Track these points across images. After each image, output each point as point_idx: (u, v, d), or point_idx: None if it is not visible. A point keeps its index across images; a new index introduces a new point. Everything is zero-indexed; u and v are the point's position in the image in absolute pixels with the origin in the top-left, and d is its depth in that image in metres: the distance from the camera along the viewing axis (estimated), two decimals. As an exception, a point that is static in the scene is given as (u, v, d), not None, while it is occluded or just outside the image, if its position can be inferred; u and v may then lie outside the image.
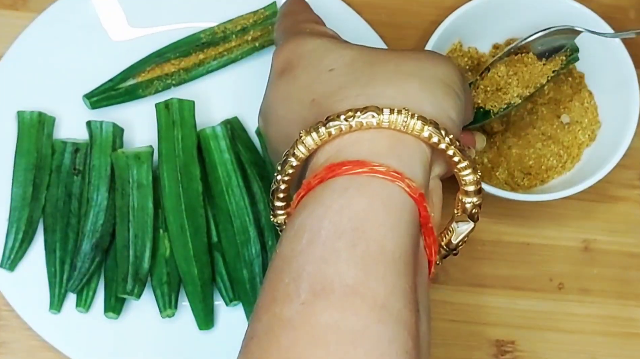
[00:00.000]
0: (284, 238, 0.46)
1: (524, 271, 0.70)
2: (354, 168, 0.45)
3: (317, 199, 0.45)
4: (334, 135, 0.47)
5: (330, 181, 0.46)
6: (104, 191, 0.65)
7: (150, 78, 0.69)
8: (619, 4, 0.75)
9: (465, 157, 0.48)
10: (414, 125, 0.46)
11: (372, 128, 0.47)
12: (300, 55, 0.52)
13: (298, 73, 0.52)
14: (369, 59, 0.51)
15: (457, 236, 0.51)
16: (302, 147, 0.47)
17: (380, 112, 0.46)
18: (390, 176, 0.45)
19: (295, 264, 0.44)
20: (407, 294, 0.44)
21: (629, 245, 0.71)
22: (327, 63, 0.51)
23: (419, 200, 0.46)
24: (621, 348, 0.69)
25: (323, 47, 0.52)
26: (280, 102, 0.53)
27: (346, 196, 0.45)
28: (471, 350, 0.68)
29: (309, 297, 0.42)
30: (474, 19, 0.69)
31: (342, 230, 0.44)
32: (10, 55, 0.69)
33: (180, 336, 0.65)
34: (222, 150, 0.67)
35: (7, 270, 0.65)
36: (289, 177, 0.49)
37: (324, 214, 0.44)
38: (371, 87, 0.49)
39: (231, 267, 0.66)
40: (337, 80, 0.50)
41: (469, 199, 0.49)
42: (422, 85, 0.49)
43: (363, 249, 0.43)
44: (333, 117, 0.47)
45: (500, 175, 0.68)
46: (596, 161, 0.68)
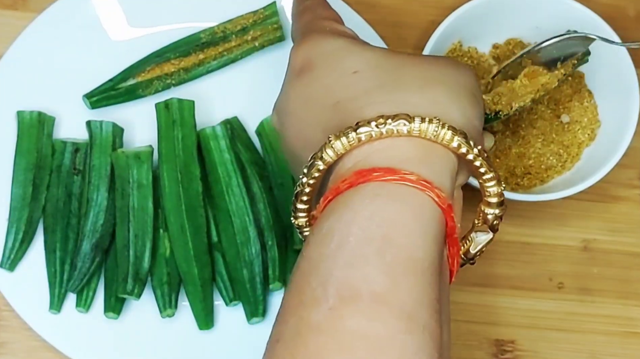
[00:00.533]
0: (312, 241, 0.45)
1: (524, 270, 0.70)
2: (384, 175, 0.45)
3: (346, 204, 0.45)
4: (363, 141, 0.47)
5: (360, 187, 0.45)
6: (104, 191, 0.65)
7: (150, 78, 0.69)
8: (619, 3, 0.75)
9: (491, 169, 0.48)
10: (444, 135, 0.46)
11: (402, 136, 0.46)
12: (321, 55, 0.52)
13: (319, 73, 0.51)
14: (393, 63, 0.50)
15: (476, 245, 0.50)
16: (330, 151, 0.47)
17: (412, 120, 0.46)
18: (421, 185, 0.45)
19: (323, 268, 0.43)
20: (434, 304, 0.43)
21: (629, 245, 0.71)
22: (350, 65, 0.50)
23: (447, 210, 0.46)
24: (621, 347, 0.69)
25: (345, 47, 0.52)
26: (299, 102, 0.52)
27: (376, 202, 0.45)
28: (471, 349, 0.68)
29: (336, 302, 0.42)
30: (474, 19, 0.69)
31: (371, 236, 0.44)
32: (10, 55, 0.69)
33: (180, 336, 0.65)
34: (222, 150, 0.67)
35: (7, 270, 0.65)
36: (314, 180, 0.48)
37: (353, 219, 0.44)
38: (398, 93, 0.48)
39: (231, 267, 0.66)
40: (362, 83, 0.49)
41: (491, 210, 0.50)
42: (449, 93, 0.49)
43: (392, 256, 0.43)
44: (363, 123, 0.46)
45: (500, 174, 0.68)
46: (596, 161, 0.68)
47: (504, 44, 0.72)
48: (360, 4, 0.72)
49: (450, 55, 0.70)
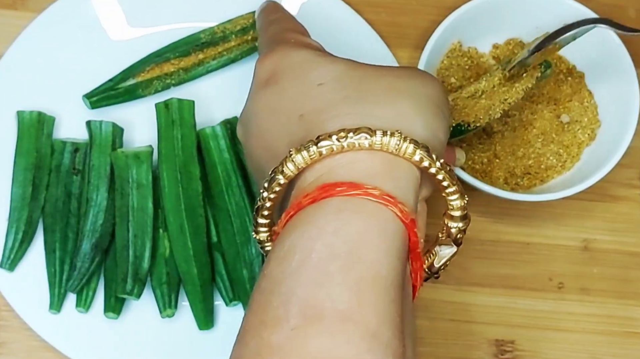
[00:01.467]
0: (272, 258, 0.45)
1: (523, 270, 0.70)
2: (348, 189, 0.45)
3: (309, 220, 0.45)
4: (324, 155, 0.46)
5: (324, 202, 0.45)
6: (104, 191, 0.65)
7: (150, 78, 0.69)
8: (619, 3, 0.75)
9: (454, 182, 0.47)
10: (406, 149, 0.46)
11: (364, 149, 0.46)
12: (286, 67, 0.52)
13: (284, 85, 0.51)
14: (358, 75, 0.50)
15: (440, 259, 0.50)
16: (291, 165, 0.46)
17: (373, 133, 0.45)
18: (384, 200, 0.45)
19: (284, 287, 0.42)
20: (396, 322, 0.43)
21: (629, 244, 0.71)
22: (316, 77, 0.50)
23: (410, 225, 0.45)
24: (621, 347, 0.69)
25: (310, 59, 0.51)
26: (264, 114, 0.52)
27: (340, 218, 0.44)
28: (471, 350, 0.68)
29: (299, 322, 0.41)
30: (474, 19, 0.69)
31: (336, 253, 0.43)
32: (10, 55, 0.69)
33: (180, 336, 0.65)
34: (222, 150, 0.67)
35: (7, 270, 0.65)
36: (275, 194, 0.48)
37: (318, 236, 0.44)
38: (362, 105, 0.48)
39: (231, 267, 0.66)
40: (327, 96, 0.49)
41: (455, 224, 0.49)
42: (414, 105, 0.48)
43: (357, 273, 0.42)
44: (324, 137, 0.46)
45: (500, 174, 0.68)
46: (596, 161, 0.68)
47: (504, 44, 0.72)
48: (360, 4, 0.72)
49: (450, 55, 0.70)
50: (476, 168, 0.68)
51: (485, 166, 0.69)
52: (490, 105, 0.65)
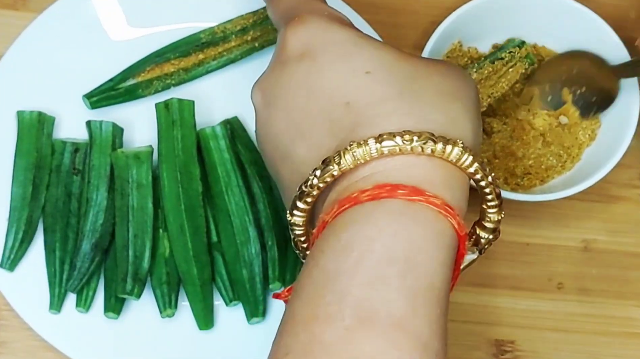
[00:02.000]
0: (327, 250, 0.44)
1: (523, 271, 0.70)
2: (410, 194, 0.43)
3: (368, 217, 0.43)
4: (386, 154, 0.45)
5: (384, 202, 0.44)
6: (104, 191, 0.65)
7: (150, 78, 0.69)
8: (619, 3, 0.75)
9: (498, 197, 0.47)
10: (465, 160, 0.45)
11: (424, 155, 0.45)
12: (326, 44, 0.49)
13: (324, 65, 0.48)
14: (407, 69, 0.48)
15: (463, 263, 0.48)
16: (350, 158, 0.45)
17: (438, 141, 0.44)
18: (445, 210, 0.44)
19: (339, 283, 0.42)
20: (444, 333, 0.42)
21: (629, 245, 0.71)
22: (361, 63, 0.48)
23: (463, 238, 0.45)
24: (621, 347, 0.69)
25: (353, 41, 0.49)
26: (298, 91, 0.49)
27: (401, 221, 0.43)
28: (471, 350, 0.68)
29: (353, 323, 0.40)
30: (474, 19, 0.69)
31: (395, 257, 0.42)
32: (10, 55, 0.69)
33: (180, 336, 0.65)
34: (222, 150, 0.67)
35: (7, 270, 0.65)
36: (325, 184, 0.46)
37: (377, 236, 0.43)
38: (418, 106, 0.46)
39: (231, 267, 0.66)
40: (378, 88, 0.47)
41: (485, 234, 0.48)
42: (464, 111, 0.47)
43: (413, 281, 0.42)
44: (388, 137, 0.44)
45: (500, 174, 0.68)
46: (596, 161, 0.68)
47: (504, 44, 0.72)
48: (360, 4, 0.72)
49: (450, 55, 0.70)
50: (476, 168, 0.68)
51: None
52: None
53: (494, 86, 0.66)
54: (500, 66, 0.67)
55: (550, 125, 0.70)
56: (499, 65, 0.67)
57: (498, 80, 0.66)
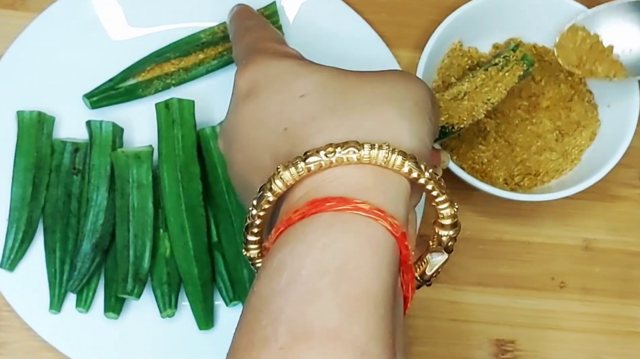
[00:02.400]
0: (262, 275, 0.44)
1: (524, 270, 0.70)
2: (338, 204, 0.44)
3: (298, 236, 0.44)
4: (313, 171, 0.45)
5: (313, 218, 0.44)
6: (104, 191, 0.65)
7: (150, 78, 0.69)
8: (619, 3, 0.75)
9: (443, 191, 0.47)
10: (394, 161, 0.45)
11: (352, 163, 0.45)
12: (267, 78, 0.51)
13: (266, 97, 0.50)
14: (341, 84, 0.49)
15: (432, 267, 0.49)
16: (279, 182, 0.46)
17: (361, 147, 0.45)
18: (374, 214, 0.44)
19: (273, 305, 0.42)
20: (387, 337, 0.42)
21: (630, 244, 0.71)
22: (298, 88, 0.49)
23: (401, 239, 0.45)
24: (622, 346, 0.69)
25: (291, 70, 0.51)
26: (246, 127, 0.51)
27: (330, 233, 0.43)
28: (472, 349, 0.68)
29: (288, 341, 0.40)
30: (474, 19, 0.69)
31: (325, 269, 0.42)
32: (10, 55, 0.69)
33: (180, 336, 0.65)
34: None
35: (7, 270, 0.65)
36: (264, 212, 0.47)
37: (307, 252, 0.43)
38: (348, 117, 0.47)
39: (231, 267, 0.66)
40: (311, 108, 0.48)
41: (445, 232, 0.49)
42: (399, 113, 0.48)
43: (347, 290, 0.42)
44: (312, 153, 0.45)
45: (500, 174, 0.68)
46: (596, 160, 0.68)
47: (504, 44, 0.72)
48: (360, 4, 0.72)
49: (450, 55, 0.70)
50: (476, 168, 0.68)
51: (485, 166, 0.69)
52: (473, 106, 0.65)
53: (491, 92, 0.66)
54: (495, 72, 0.67)
55: (550, 125, 0.70)
56: (493, 72, 0.67)
57: (495, 86, 0.66)
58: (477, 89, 0.66)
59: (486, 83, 0.66)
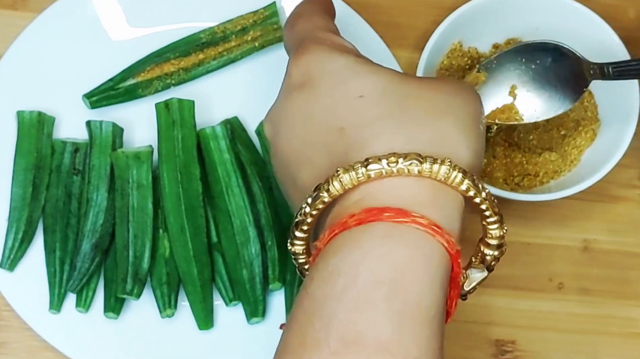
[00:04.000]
0: (316, 277, 0.44)
1: (524, 271, 0.70)
2: (396, 216, 0.44)
3: (354, 242, 0.44)
4: (373, 178, 0.45)
5: (370, 226, 0.44)
6: (104, 191, 0.65)
7: (150, 78, 0.69)
8: (619, 3, 0.75)
9: (496, 212, 0.47)
10: (454, 178, 0.45)
11: (412, 175, 0.45)
12: (324, 72, 0.50)
13: (322, 92, 0.49)
14: (401, 89, 0.49)
15: (470, 282, 0.49)
16: (338, 184, 0.45)
17: (424, 160, 0.45)
18: (432, 229, 0.44)
19: (327, 309, 0.42)
20: (436, 354, 0.42)
21: (629, 245, 0.71)
22: (356, 88, 0.49)
23: (455, 256, 0.45)
24: (621, 347, 0.69)
25: (349, 67, 0.50)
26: (299, 119, 0.50)
27: (386, 244, 0.43)
28: (471, 350, 0.68)
29: (339, 347, 0.41)
30: (474, 19, 0.69)
31: (380, 280, 0.42)
32: (10, 55, 0.69)
33: (180, 336, 0.65)
34: (222, 150, 0.67)
35: (7, 270, 0.65)
36: (317, 211, 0.47)
37: (362, 260, 0.43)
38: (408, 126, 0.47)
39: (231, 267, 0.66)
40: (369, 110, 0.48)
41: (491, 251, 0.48)
42: (458, 127, 0.47)
43: (400, 303, 0.42)
44: (374, 160, 0.45)
45: (499, 175, 0.68)
46: (596, 161, 0.68)
47: (504, 43, 0.72)
48: (360, 4, 0.72)
49: (450, 55, 0.70)
50: (476, 168, 0.68)
51: (485, 166, 0.69)
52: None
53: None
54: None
55: (550, 125, 0.70)
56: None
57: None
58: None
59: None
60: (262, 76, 0.71)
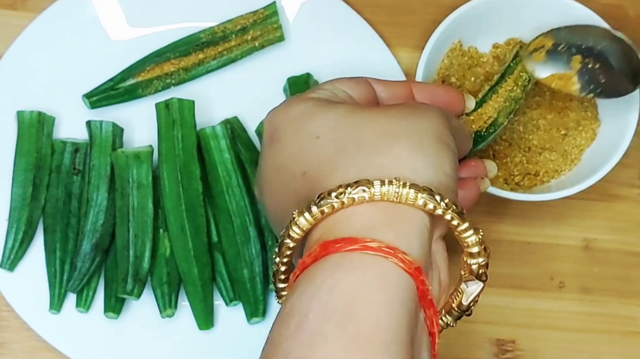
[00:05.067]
0: (275, 321, 0.44)
1: (524, 270, 0.70)
2: (346, 245, 0.44)
3: (308, 280, 0.44)
4: (327, 214, 0.45)
5: (323, 260, 0.44)
6: (104, 191, 0.65)
7: (150, 78, 0.69)
8: (619, 3, 0.75)
9: (464, 219, 0.46)
10: (407, 195, 0.45)
11: (365, 202, 0.45)
12: (285, 122, 0.51)
13: (285, 141, 0.51)
14: (353, 122, 0.49)
15: (468, 296, 0.49)
16: (296, 228, 0.46)
17: (371, 185, 0.45)
18: (383, 252, 0.44)
19: (282, 350, 0.42)
20: None
21: (630, 244, 0.71)
22: (312, 129, 0.49)
23: (414, 274, 0.44)
24: (622, 346, 0.69)
25: (306, 111, 0.51)
26: (272, 173, 0.52)
27: (337, 274, 0.43)
28: (472, 349, 0.68)
29: None
30: (474, 18, 0.69)
31: (331, 311, 0.42)
32: (10, 55, 0.69)
33: (180, 336, 0.65)
34: (222, 150, 0.67)
35: (7, 270, 0.65)
36: (287, 258, 0.47)
37: (314, 295, 0.43)
38: (360, 156, 0.47)
39: (231, 267, 0.66)
40: (325, 149, 0.48)
41: (474, 260, 0.48)
42: (412, 146, 0.47)
43: (353, 331, 0.42)
44: (324, 195, 0.45)
45: (500, 174, 0.68)
46: (596, 160, 0.68)
47: (504, 43, 0.72)
48: (360, 4, 0.72)
49: (450, 55, 0.70)
50: (476, 168, 0.68)
51: (486, 166, 0.69)
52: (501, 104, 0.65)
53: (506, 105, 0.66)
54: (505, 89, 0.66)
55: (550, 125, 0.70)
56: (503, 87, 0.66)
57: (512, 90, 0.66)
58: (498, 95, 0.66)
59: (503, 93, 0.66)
60: (262, 76, 0.71)
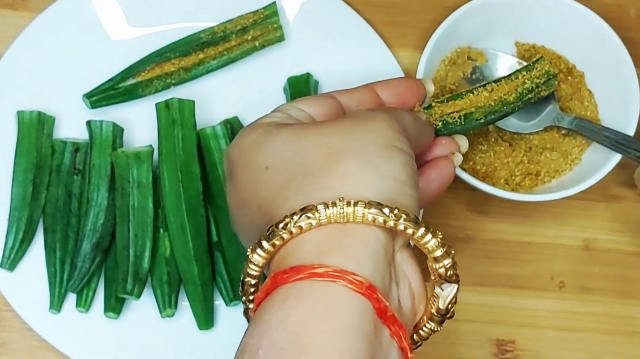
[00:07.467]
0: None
1: (524, 270, 0.70)
2: (293, 275, 0.43)
3: (259, 315, 0.43)
4: (278, 246, 0.45)
5: (274, 293, 0.43)
6: (104, 191, 0.65)
7: (150, 77, 0.69)
8: (619, 3, 0.75)
9: (419, 226, 0.45)
10: (353, 213, 0.44)
11: (313, 228, 0.44)
12: (238, 155, 0.50)
13: (240, 176, 0.50)
14: (298, 146, 0.48)
15: (444, 299, 0.47)
16: (252, 265, 0.46)
17: (315, 209, 0.44)
18: (330, 276, 0.42)
19: None
20: None
21: (630, 244, 0.71)
22: (261, 160, 0.48)
23: (367, 294, 0.43)
24: (622, 346, 0.69)
25: (256, 141, 0.49)
26: (235, 209, 0.51)
27: (285, 307, 0.42)
28: (472, 349, 0.68)
29: None
30: (474, 19, 0.69)
31: (280, 346, 0.41)
32: (10, 55, 0.69)
33: (180, 336, 0.65)
34: (222, 150, 0.67)
35: (7, 270, 0.65)
36: (252, 295, 0.47)
37: (264, 330, 0.42)
38: (307, 182, 0.46)
39: (231, 266, 0.66)
40: (274, 180, 0.47)
41: (439, 264, 0.46)
42: (359, 160, 0.46)
43: None
44: (273, 228, 0.44)
45: (501, 175, 0.68)
46: (596, 161, 0.68)
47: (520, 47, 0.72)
48: (360, 4, 0.72)
49: (450, 54, 0.70)
50: (477, 169, 0.68)
51: (486, 167, 0.68)
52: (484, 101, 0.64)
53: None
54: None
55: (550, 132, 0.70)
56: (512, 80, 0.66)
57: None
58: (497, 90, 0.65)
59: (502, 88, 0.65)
60: (262, 76, 0.71)
